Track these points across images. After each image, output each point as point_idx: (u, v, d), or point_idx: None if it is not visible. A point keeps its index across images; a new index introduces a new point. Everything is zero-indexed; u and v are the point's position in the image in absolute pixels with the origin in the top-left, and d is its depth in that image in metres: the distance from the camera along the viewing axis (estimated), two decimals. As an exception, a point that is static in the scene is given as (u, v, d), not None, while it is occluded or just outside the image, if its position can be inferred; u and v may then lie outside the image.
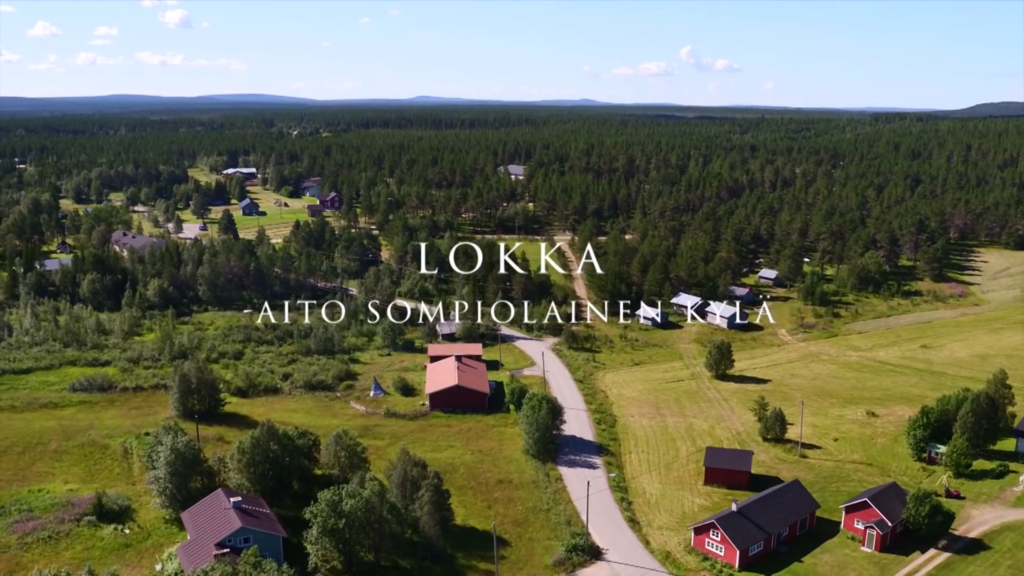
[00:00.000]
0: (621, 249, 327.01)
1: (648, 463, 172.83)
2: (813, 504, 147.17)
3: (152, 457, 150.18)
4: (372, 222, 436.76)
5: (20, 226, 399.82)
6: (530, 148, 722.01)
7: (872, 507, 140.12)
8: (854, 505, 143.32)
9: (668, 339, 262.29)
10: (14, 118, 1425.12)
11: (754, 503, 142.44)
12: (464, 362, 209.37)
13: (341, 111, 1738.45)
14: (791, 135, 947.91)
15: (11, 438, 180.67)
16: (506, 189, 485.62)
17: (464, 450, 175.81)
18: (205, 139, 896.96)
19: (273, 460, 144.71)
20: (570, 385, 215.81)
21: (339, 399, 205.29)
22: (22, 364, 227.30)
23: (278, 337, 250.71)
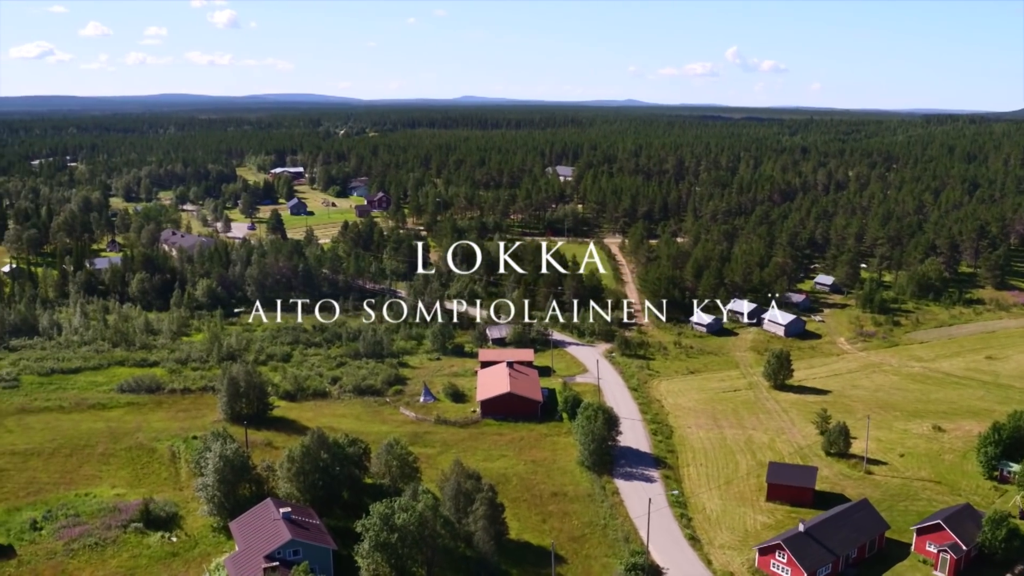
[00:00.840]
0: (674, 253, 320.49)
1: (707, 477, 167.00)
2: (883, 525, 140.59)
3: (200, 463, 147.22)
4: (420, 223, 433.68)
5: (71, 224, 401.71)
6: (577, 149, 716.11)
7: (946, 529, 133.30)
8: (926, 527, 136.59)
9: (723, 346, 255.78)
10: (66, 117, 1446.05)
11: (822, 523, 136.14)
12: (516, 368, 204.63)
13: (387, 111, 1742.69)
14: (841, 137, 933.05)
15: (59, 439, 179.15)
16: (555, 191, 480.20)
17: (517, 460, 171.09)
18: (253, 138, 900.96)
19: (323, 469, 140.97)
20: (624, 394, 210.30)
21: (388, 404, 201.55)
22: (71, 364, 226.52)
23: (326, 340, 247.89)
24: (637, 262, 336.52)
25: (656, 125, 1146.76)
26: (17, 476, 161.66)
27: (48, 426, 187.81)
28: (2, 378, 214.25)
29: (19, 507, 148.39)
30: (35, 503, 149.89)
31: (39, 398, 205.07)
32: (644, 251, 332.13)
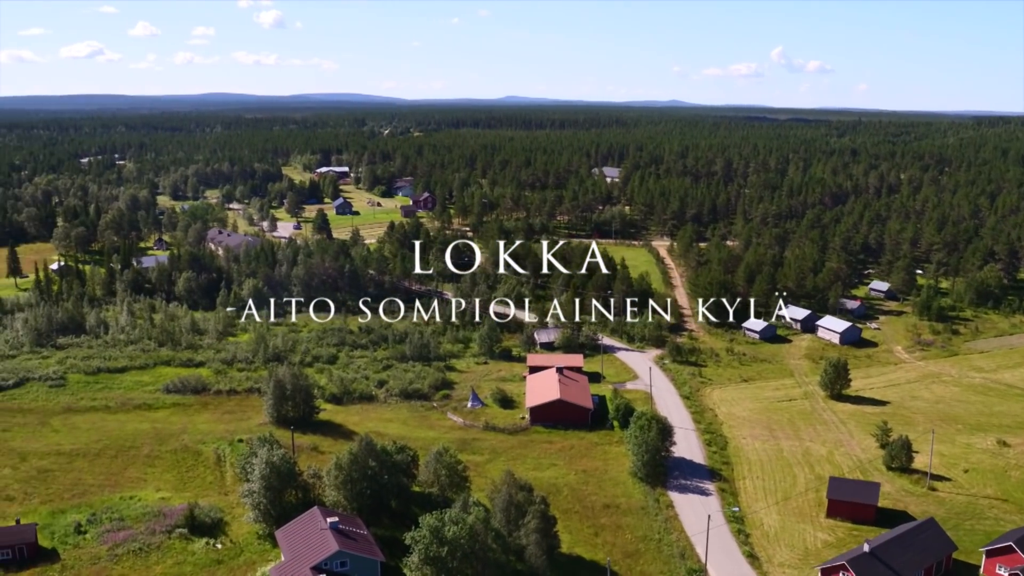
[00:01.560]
0: (724, 257, 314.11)
1: (764, 491, 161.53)
2: (950, 545, 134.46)
3: (246, 469, 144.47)
4: (465, 224, 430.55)
5: (118, 222, 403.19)
6: (623, 150, 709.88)
7: (1017, 551, 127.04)
8: (996, 549, 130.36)
9: (777, 354, 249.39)
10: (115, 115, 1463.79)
11: (887, 543, 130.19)
12: (566, 374, 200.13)
13: (431, 110, 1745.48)
14: (890, 139, 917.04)
15: (104, 440, 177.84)
16: (602, 192, 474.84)
17: (567, 470, 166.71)
18: (298, 137, 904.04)
19: (371, 477, 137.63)
20: (676, 402, 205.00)
21: (435, 409, 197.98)
22: (117, 363, 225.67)
23: (372, 341, 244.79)
24: (687, 265, 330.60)
25: (701, 126, 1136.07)
26: (62, 477, 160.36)
27: (94, 426, 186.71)
28: (49, 376, 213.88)
29: (64, 509, 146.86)
30: (80, 505, 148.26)
31: (85, 397, 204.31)
32: (694, 254, 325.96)
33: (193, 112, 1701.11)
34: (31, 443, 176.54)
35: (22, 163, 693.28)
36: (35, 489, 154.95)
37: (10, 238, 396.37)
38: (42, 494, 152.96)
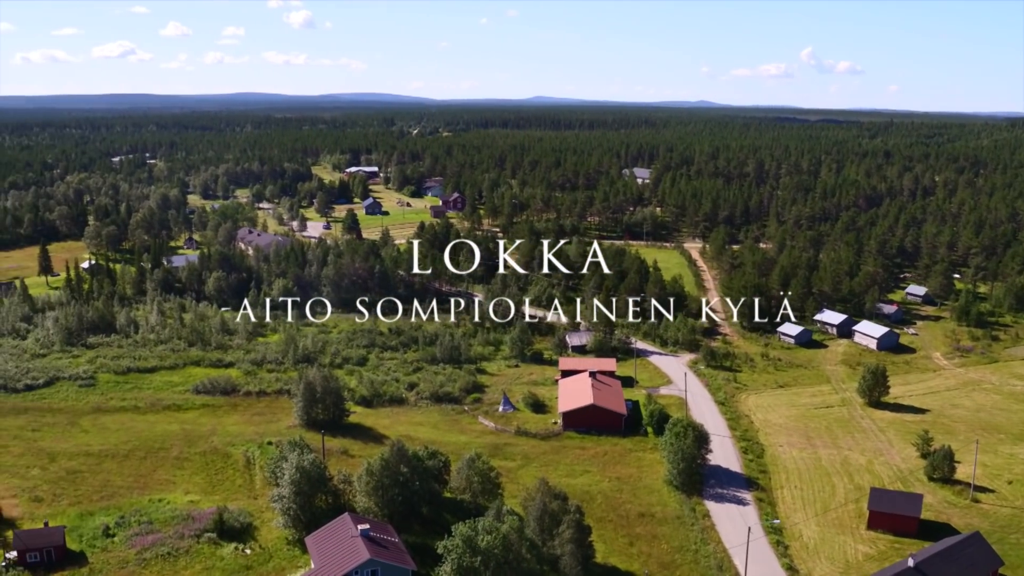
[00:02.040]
0: (758, 260, 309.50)
1: (803, 501, 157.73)
2: (996, 561, 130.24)
3: (276, 473, 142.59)
4: (495, 224, 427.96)
5: (149, 221, 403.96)
6: (653, 150, 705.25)
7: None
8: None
9: (813, 359, 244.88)
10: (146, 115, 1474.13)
11: (932, 558, 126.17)
12: (599, 379, 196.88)
13: (460, 110, 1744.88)
14: (923, 140, 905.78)
15: (134, 441, 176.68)
16: (633, 193, 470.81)
17: (601, 477, 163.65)
18: (328, 137, 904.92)
19: (403, 484, 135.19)
20: (711, 408, 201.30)
21: (467, 413, 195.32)
22: (147, 363, 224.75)
23: (402, 343, 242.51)
24: (720, 268, 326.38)
25: (731, 127, 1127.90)
26: (91, 478, 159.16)
27: (123, 427, 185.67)
28: (79, 376, 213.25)
29: (92, 511, 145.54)
30: (108, 508, 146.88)
31: (115, 397, 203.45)
32: (727, 257, 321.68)
33: (223, 111, 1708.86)
34: (60, 443, 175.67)
35: (54, 161, 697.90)
36: (64, 490, 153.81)
37: (42, 236, 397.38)
38: (71, 495, 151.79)
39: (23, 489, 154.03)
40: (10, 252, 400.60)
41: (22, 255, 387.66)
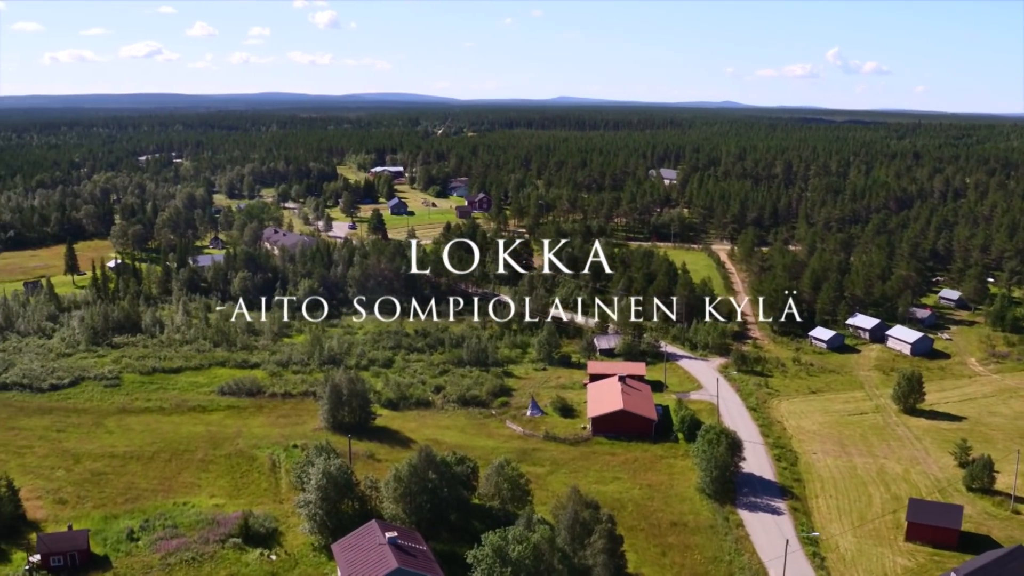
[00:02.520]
0: (788, 262, 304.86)
1: (838, 510, 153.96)
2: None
3: (302, 478, 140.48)
4: (521, 225, 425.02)
5: (175, 221, 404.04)
6: (679, 151, 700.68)
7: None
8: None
9: (845, 364, 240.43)
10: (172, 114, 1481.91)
11: (974, 573, 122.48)
12: (628, 383, 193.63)
13: (484, 110, 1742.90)
14: (952, 141, 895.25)
15: (159, 443, 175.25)
16: (660, 194, 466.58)
17: (631, 484, 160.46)
18: (353, 137, 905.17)
19: (431, 490, 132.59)
20: (743, 414, 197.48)
21: (494, 417, 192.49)
22: (172, 363, 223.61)
23: (429, 345, 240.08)
24: (749, 271, 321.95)
25: (757, 127, 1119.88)
26: (116, 480, 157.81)
27: (148, 428, 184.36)
28: (104, 376, 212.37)
29: (116, 514, 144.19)
30: (132, 511, 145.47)
31: (140, 398, 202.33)
32: (757, 260, 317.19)
33: (249, 111, 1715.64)
34: (85, 444, 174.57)
35: (81, 160, 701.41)
36: (88, 492, 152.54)
37: (68, 235, 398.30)
38: (95, 498, 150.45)
39: (47, 491, 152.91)
40: (37, 251, 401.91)
41: (49, 254, 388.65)
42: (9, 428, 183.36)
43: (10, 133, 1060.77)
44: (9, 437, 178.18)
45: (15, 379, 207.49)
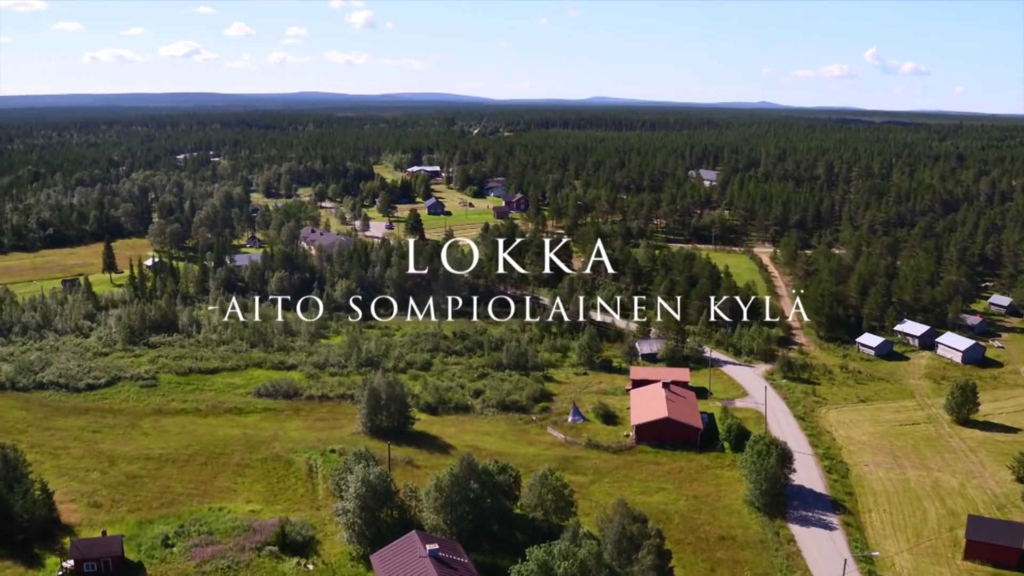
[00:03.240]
0: (834, 266, 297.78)
1: (892, 526, 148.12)
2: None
3: (340, 486, 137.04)
4: (559, 226, 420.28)
5: (212, 219, 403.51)
6: (717, 152, 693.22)
7: None
8: None
9: (894, 372, 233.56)
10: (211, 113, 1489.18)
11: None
12: (673, 390, 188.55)
13: (520, 110, 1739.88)
14: (995, 143, 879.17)
15: (195, 446, 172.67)
16: (700, 195, 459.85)
17: (677, 495, 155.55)
18: (389, 136, 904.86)
19: (473, 501, 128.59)
20: (790, 423, 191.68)
21: (535, 423, 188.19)
22: (209, 364, 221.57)
23: (467, 348, 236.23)
24: (793, 275, 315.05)
25: (796, 128, 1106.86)
26: (151, 484, 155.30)
27: (184, 430, 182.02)
28: (141, 376, 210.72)
29: (151, 519, 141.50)
30: (167, 516, 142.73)
31: (176, 399, 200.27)
32: (801, 263, 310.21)
33: (286, 110, 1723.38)
34: (121, 446, 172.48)
35: (120, 159, 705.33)
36: (123, 496, 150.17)
37: (106, 233, 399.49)
38: (130, 502, 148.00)
39: (82, 494, 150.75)
40: (75, 248, 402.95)
41: (87, 251, 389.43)
42: (45, 428, 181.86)
43: (51, 131, 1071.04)
44: (45, 437, 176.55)
45: (52, 378, 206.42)
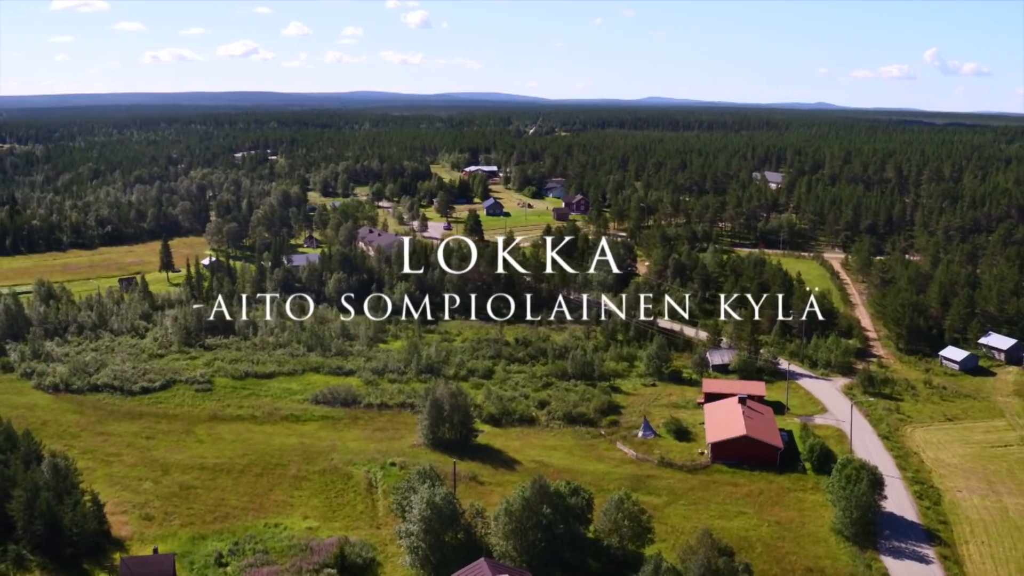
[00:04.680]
0: (912, 274, 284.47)
1: (993, 559, 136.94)
2: None
3: (403, 506, 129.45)
4: (621, 228, 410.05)
5: (270, 218, 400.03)
6: (780, 153, 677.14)
7: None
8: None
9: (981, 389, 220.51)
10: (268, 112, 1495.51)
11: None
12: (750, 405, 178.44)
13: (574, 110, 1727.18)
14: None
15: (250, 455, 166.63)
16: (767, 199, 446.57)
17: (758, 520, 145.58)
18: (446, 136, 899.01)
19: (545, 527, 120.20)
20: (874, 442, 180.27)
21: (603, 438, 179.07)
22: (265, 368, 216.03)
23: (530, 355, 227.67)
24: (869, 282, 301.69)
25: (857, 129, 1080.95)
26: (205, 496, 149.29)
27: (239, 438, 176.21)
28: (196, 380, 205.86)
29: (204, 535, 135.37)
30: (222, 532, 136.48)
31: (232, 404, 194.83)
32: (877, 271, 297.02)
33: (342, 109, 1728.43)
34: (174, 454, 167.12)
35: (179, 156, 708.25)
36: (176, 508, 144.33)
37: (164, 231, 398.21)
38: (183, 515, 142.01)
39: (134, 505, 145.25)
40: (133, 246, 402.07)
41: (144, 250, 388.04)
42: (99, 433, 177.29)
43: (111, 129, 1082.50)
44: (98, 443, 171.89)
45: (106, 380, 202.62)
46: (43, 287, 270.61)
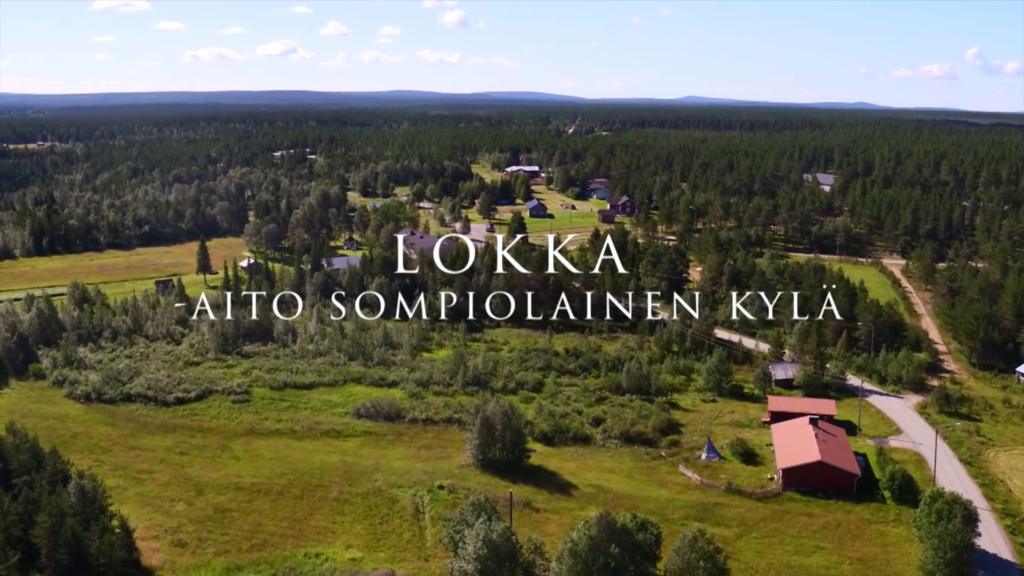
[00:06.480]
0: (981, 283, 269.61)
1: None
2: None
3: (455, 539, 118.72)
4: (670, 232, 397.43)
5: (309, 219, 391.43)
6: (827, 153, 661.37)
7: None
8: None
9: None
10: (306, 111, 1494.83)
11: None
12: (821, 427, 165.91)
13: (612, 109, 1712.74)
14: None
15: (289, 475, 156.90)
16: (820, 201, 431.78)
17: (838, 557, 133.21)
18: (485, 135, 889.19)
19: (614, 569, 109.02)
20: (957, 468, 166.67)
21: (664, 460, 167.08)
22: (304, 378, 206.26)
23: (582, 367, 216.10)
24: (935, 291, 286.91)
25: (902, 130, 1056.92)
26: (241, 520, 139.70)
27: (278, 454, 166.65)
28: (233, 390, 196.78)
29: (240, 565, 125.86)
30: (258, 561, 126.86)
31: (270, 417, 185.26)
32: (943, 279, 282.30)
33: (380, 108, 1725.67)
34: (209, 472, 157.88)
35: (218, 155, 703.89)
36: (210, 534, 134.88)
37: (202, 232, 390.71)
38: (217, 541, 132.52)
39: (166, 529, 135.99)
40: (170, 247, 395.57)
41: (182, 250, 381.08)
42: (131, 448, 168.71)
43: (151, 128, 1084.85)
44: (130, 459, 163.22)
45: (140, 390, 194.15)
46: (77, 290, 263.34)
